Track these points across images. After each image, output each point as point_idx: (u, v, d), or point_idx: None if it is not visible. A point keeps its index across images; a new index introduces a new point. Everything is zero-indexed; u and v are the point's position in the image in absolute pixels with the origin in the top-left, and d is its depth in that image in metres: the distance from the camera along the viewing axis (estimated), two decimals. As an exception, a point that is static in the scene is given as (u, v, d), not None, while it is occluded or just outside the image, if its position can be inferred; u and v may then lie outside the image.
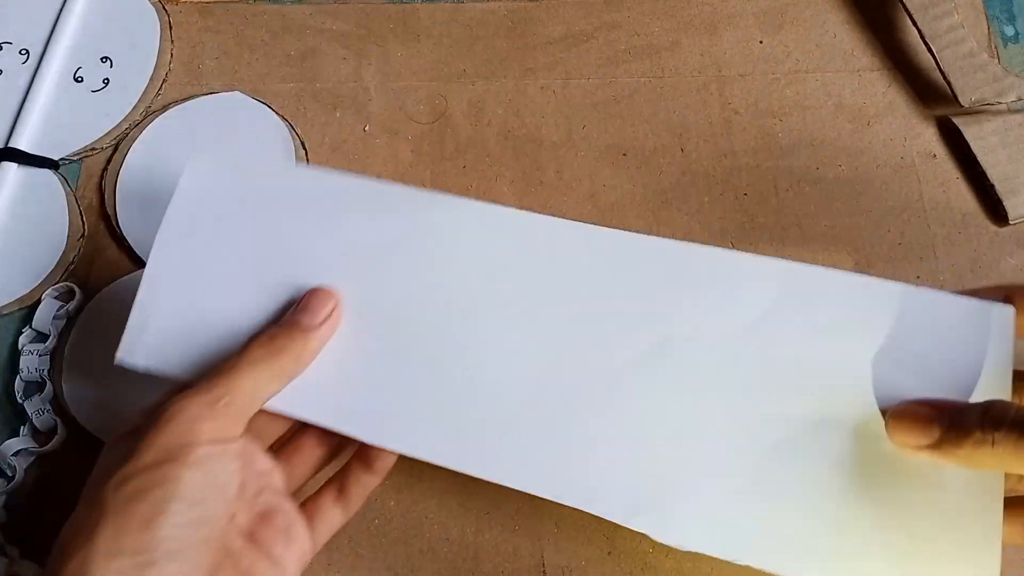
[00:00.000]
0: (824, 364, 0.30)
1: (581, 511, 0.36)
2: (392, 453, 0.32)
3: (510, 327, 0.31)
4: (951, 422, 0.27)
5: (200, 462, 0.27)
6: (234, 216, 0.34)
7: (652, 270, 0.31)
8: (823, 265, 0.31)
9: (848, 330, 0.30)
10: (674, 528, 0.29)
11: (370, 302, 0.32)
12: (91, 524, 0.26)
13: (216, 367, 0.29)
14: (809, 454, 0.29)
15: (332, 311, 0.31)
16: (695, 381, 0.30)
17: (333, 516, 0.32)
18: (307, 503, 0.32)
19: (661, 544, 0.36)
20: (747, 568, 0.35)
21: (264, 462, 0.31)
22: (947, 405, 0.27)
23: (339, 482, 0.32)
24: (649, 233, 0.33)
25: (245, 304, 0.33)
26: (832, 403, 0.29)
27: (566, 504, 0.30)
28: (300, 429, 0.33)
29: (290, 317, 0.31)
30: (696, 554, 0.35)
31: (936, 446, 0.27)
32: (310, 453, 0.33)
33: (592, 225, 0.32)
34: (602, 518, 0.36)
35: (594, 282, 0.31)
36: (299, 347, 0.30)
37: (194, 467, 0.26)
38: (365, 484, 0.32)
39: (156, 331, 0.33)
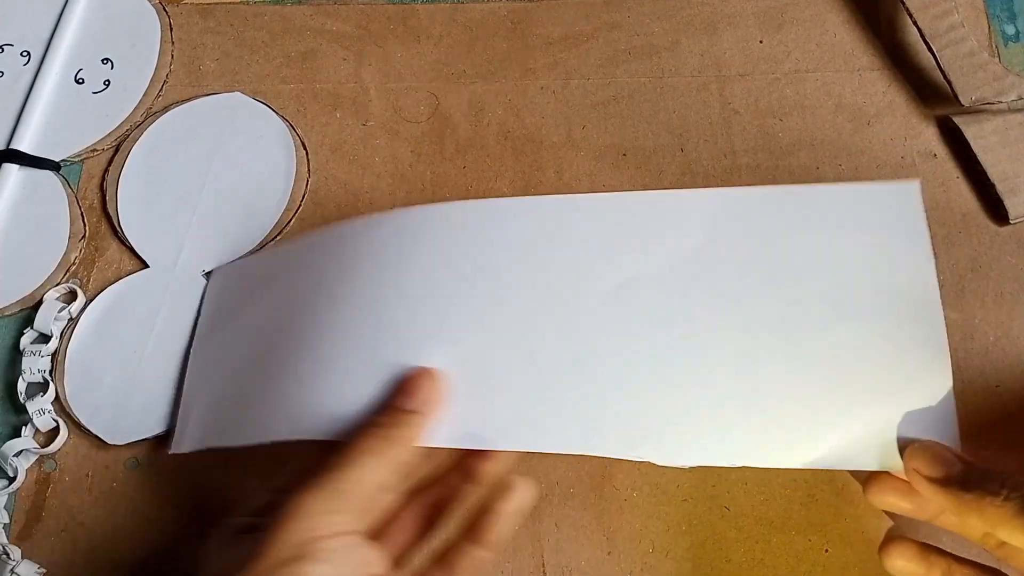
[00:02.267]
0: (765, 269, 0.32)
1: (581, 512, 0.36)
2: (504, 526, 0.30)
3: (480, 309, 0.33)
4: (970, 468, 0.29)
5: (328, 557, 0.26)
6: (252, 300, 0.37)
7: (597, 226, 0.33)
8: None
9: (780, 234, 0.32)
10: (672, 450, 0.31)
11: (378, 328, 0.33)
12: None
13: (331, 460, 0.29)
14: (774, 353, 0.31)
15: (435, 391, 0.31)
16: (658, 312, 0.32)
17: None
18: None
19: (661, 544, 0.36)
20: (748, 563, 0.35)
21: (370, 553, 0.29)
22: (968, 459, 0.29)
23: (447, 562, 0.31)
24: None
25: (268, 363, 0.34)
26: (781, 302, 0.32)
27: (567, 452, 0.31)
28: (395, 510, 0.32)
29: (393, 401, 0.31)
30: (696, 554, 0.36)
31: (946, 481, 0.28)
32: (404, 531, 0.32)
33: (530, 197, 0.35)
34: (602, 514, 0.37)
35: (546, 250, 0.33)
36: (406, 434, 0.30)
37: (323, 563, 0.26)
38: (475, 559, 0.30)
39: (200, 415, 0.36)
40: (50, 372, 0.39)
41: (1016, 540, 0.27)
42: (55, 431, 0.38)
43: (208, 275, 0.41)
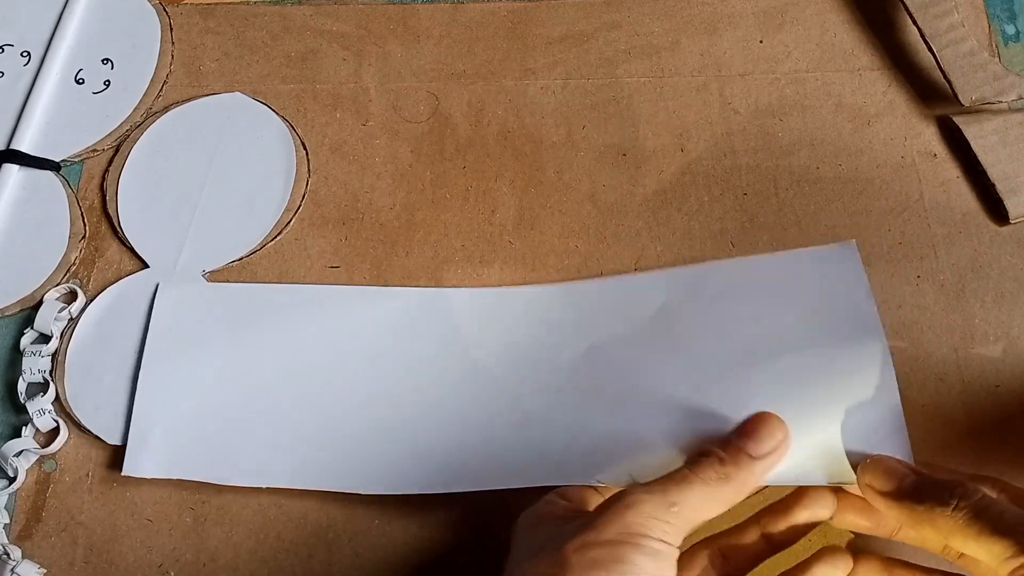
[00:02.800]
0: (716, 321, 0.37)
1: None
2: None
3: (470, 374, 0.38)
4: (921, 480, 0.30)
5: (652, 553, 0.28)
6: (204, 332, 0.39)
7: (568, 310, 0.39)
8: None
9: (725, 299, 0.38)
10: (628, 473, 0.34)
11: (364, 384, 0.38)
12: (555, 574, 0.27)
13: (668, 475, 0.30)
14: (725, 385, 0.35)
15: (780, 442, 0.32)
16: (619, 366, 0.37)
17: None
18: None
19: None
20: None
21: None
22: (921, 470, 0.31)
23: None
24: (649, 234, 0.41)
25: (231, 404, 0.38)
26: (730, 344, 0.36)
27: (546, 484, 0.34)
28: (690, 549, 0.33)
29: (737, 442, 0.31)
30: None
31: (899, 494, 0.30)
32: (692, 572, 0.32)
33: (523, 287, 0.40)
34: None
35: (527, 329, 0.39)
36: (744, 476, 0.31)
37: (648, 556, 0.27)
38: None
39: (156, 443, 0.37)
40: (50, 372, 0.39)
41: (969, 549, 0.28)
42: (55, 431, 0.38)
43: (154, 293, 0.40)
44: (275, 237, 0.42)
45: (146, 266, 0.41)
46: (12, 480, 0.37)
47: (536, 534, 0.30)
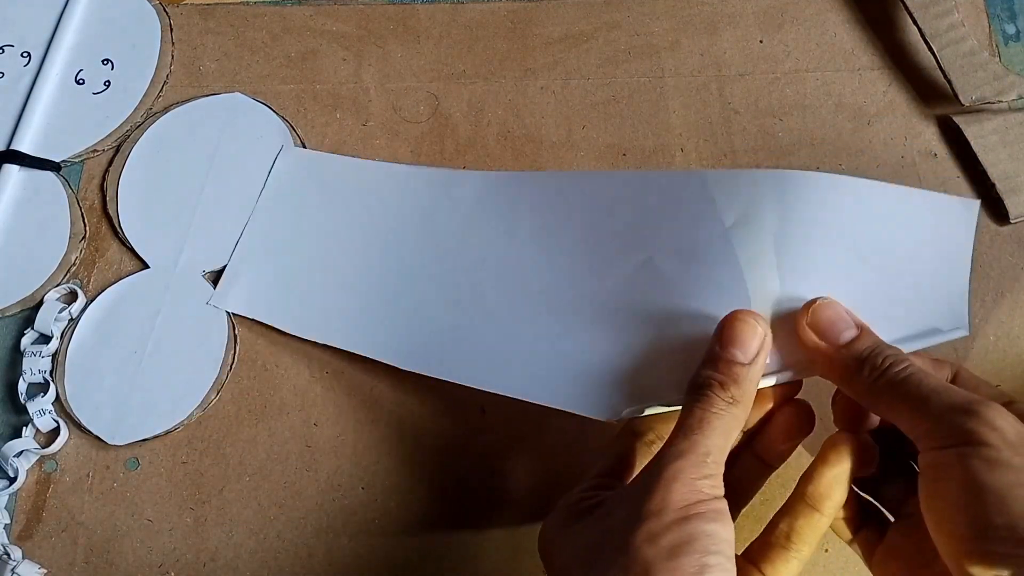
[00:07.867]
0: (793, 252, 0.32)
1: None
2: (837, 491, 0.30)
3: (521, 267, 0.37)
4: (859, 338, 0.29)
5: (715, 515, 0.27)
6: (313, 196, 0.42)
7: (632, 203, 0.36)
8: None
9: (817, 222, 0.32)
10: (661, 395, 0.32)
11: (425, 257, 0.40)
12: None
13: (682, 424, 0.29)
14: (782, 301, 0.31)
15: (764, 336, 0.30)
16: (676, 288, 0.33)
17: (789, 567, 0.31)
18: (757, 559, 0.31)
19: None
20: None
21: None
22: (865, 326, 0.30)
23: (786, 528, 0.31)
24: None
25: (313, 265, 0.41)
26: (791, 275, 0.31)
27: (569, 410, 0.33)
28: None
29: (724, 355, 0.29)
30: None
31: (834, 346, 0.29)
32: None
33: (570, 172, 0.40)
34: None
35: (584, 221, 0.37)
36: (746, 388, 0.29)
37: (714, 520, 0.26)
38: (816, 526, 0.30)
39: (246, 284, 0.41)
40: (51, 373, 0.39)
41: (881, 414, 0.29)
42: (56, 431, 0.38)
43: (279, 153, 0.43)
44: (275, 237, 0.42)
45: (146, 266, 0.42)
46: (12, 480, 0.37)
47: (575, 538, 0.29)
